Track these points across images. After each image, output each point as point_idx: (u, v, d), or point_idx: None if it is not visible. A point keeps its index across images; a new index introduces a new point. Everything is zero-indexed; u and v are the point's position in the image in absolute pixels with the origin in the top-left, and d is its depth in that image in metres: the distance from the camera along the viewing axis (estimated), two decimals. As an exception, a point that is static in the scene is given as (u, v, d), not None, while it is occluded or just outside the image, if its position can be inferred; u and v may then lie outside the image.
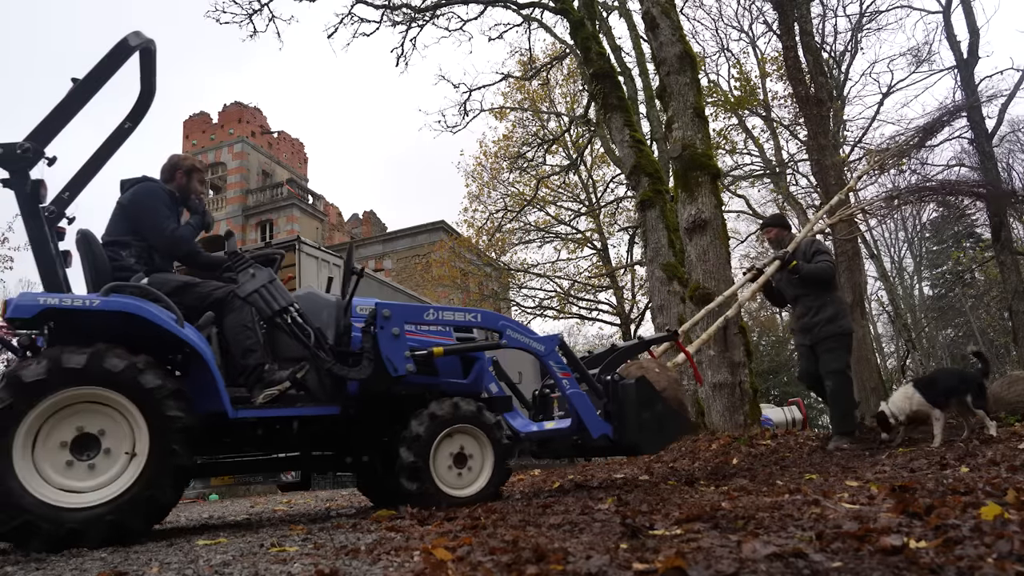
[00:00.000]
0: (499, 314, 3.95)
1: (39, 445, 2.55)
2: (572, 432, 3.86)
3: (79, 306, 2.71)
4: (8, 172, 2.88)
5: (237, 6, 11.99)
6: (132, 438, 2.68)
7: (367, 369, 3.28)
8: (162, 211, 3.38)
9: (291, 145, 35.72)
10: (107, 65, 3.05)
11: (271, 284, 3.28)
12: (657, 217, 9.61)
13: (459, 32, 13.50)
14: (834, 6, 15.02)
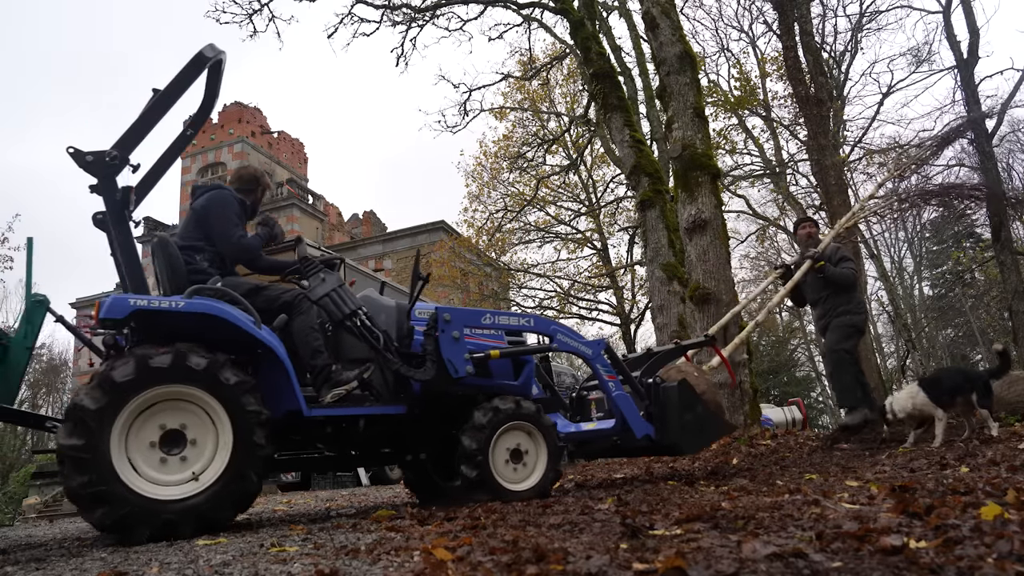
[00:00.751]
0: (550, 319, 4.14)
1: (131, 441, 2.67)
2: (615, 432, 3.98)
3: (165, 308, 2.84)
4: (97, 179, 3.04)
5: (237, 6, 12.01)
6: (215, 432, 2.81)
7: (431, 370, 3.42)
8: (232, 219, 3.49)
9: (291, 145, 35.74)
10: (185, 76, 3.20)
11: (340, 288, 3.40)
12: (657, 217, 9.61)
13: (459, 32, 13.51)
14: (834, 6, 15.02)
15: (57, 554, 2.53)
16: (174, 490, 2.68)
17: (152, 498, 2.61)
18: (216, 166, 32.61)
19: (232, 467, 2.76)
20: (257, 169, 3.91)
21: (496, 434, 3.44)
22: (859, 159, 15.13)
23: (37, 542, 3.53)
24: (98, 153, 3.03)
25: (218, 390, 2.78)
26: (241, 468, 2.77)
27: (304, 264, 3.45)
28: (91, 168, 3.02)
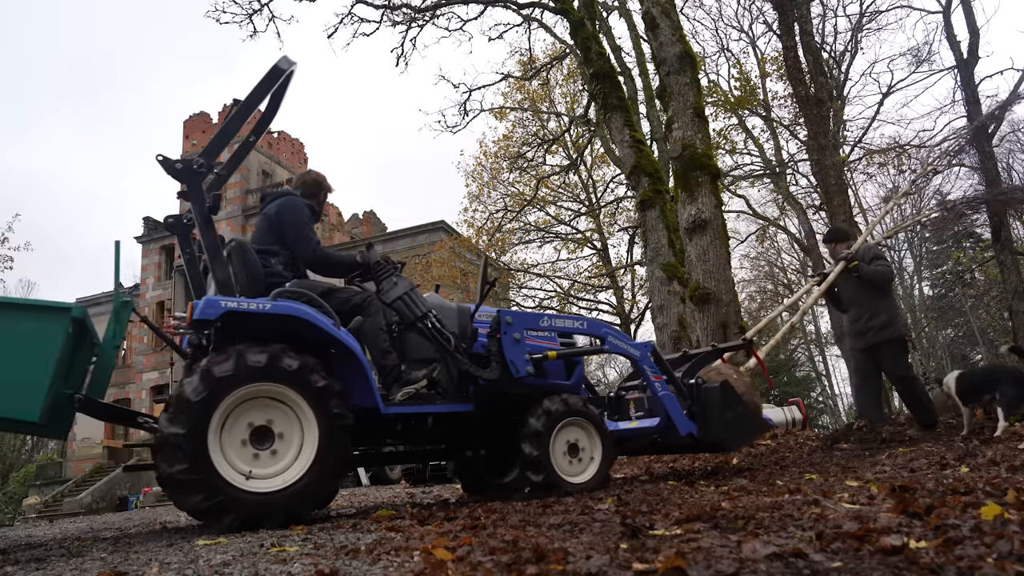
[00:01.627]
0: (602, 322, 4.38)
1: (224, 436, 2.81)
2: (658, 430, 4.18)
3: (253, 309, 2.98)
4: (186, 185, 3.19)
5: (237, 6, 12.00)
6: (300, 429, 2.95)
7: (496, 370, 3.60)
8: (306, 226, 3.63)
9: (291, 145, 35.70)
10: (263, 86, 3.35)
11: (412, 292, 3.55)
12: (657, 217, 9.61)
13: (459, 32, 13.51)
14: (834, 6, 15.01)
15: (57, 554, 2.53)
16: (263, 483, 2.81)
17: (243, 489, 2.74)
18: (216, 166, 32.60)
19: (317, 465, 2.89)
20: (319, 174, 4.06)
21: (553, 434, 3.61)
22: (859, 159, 15.12)
23: (37, 542, 3.53)
24: (186, 161, 3.18)
25: (307, 391, 2.92)
26: (325, 466, 2.91)
27: (377, 268, 3.59)
28: (180, 175, 3.17)
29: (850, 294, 5.76)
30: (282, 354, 2.90)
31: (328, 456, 2.92)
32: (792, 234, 22.62)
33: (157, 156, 3.26)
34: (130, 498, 20.73)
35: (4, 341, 2.76)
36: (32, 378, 2.79)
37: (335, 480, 3.02)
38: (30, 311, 2.90)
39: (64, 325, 2.90)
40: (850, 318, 5.77)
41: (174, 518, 4.94)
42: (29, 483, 29.78)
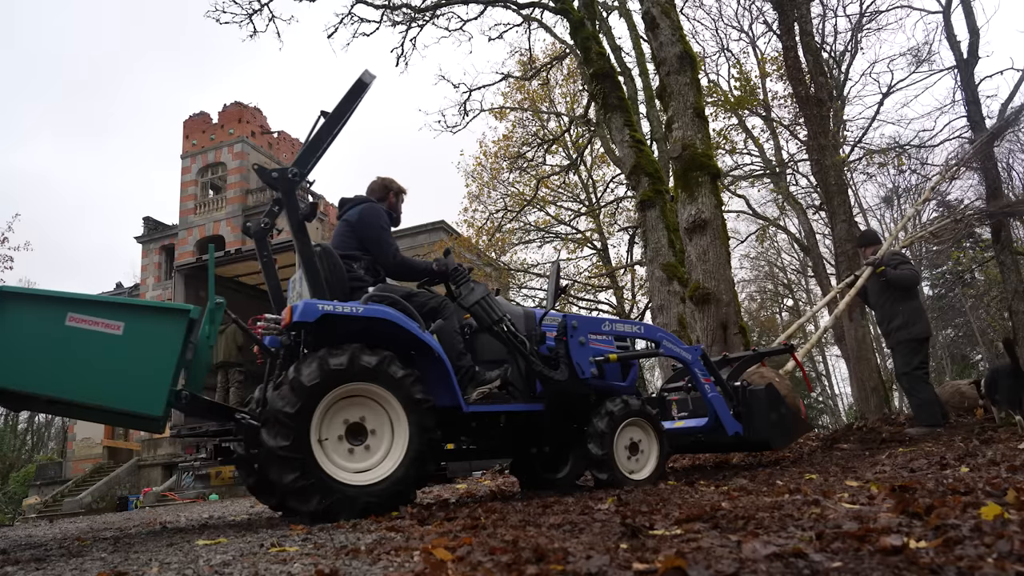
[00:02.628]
0: (657, 327, 4.65)
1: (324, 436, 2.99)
2: (705, 430, 4.41)
3: (347, 312, 3.15)
4: (281, 193, 3.35)
5: (237, 6, 11.99)
6: (390, 422, 3.14)
7: (565, 372, 3.79)
8: (386, 231, 3.80)
9: (291, 145, 35.68)
10: (350, 98, 3.51)
11: (488, 296, 3.69)
12: (657, 217, 9.61)
13: (459, 32, 13.49)
14: (834, 6, 14.97)
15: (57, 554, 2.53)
16: (365, 476, 3.01)
17: (352, 485, 2.93)
18: (216, 166, 32.53)
19: (411, 451, 3.08)
20: (386, 177, 4.18)
21: (616, 434, 3.80)
22: (859, 159, 15.11)
23: (37, 542, 3.53)
24: (281, 170, 3.34)
25: (390, 383, 3.09)
26: (418, 451, 3.09)
27: (455, 274, 3.76)
28: (276, 184, 3.33)
29: (875, 298, 6.14)
30: (360, 353, 3.05)
31: (419, 441, 3.10)
32: (792, 234, 22.62)
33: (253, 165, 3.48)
34: (130, 498, 20.71)
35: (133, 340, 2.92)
36: (157, 375, 2.95)
37: (431, 462, 3.19)
38: (155, 312, 3.08)
39: (184, 325, 3.05)
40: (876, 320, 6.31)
41: (174, 518, 4.94)
42: (29, 483, 29.76)
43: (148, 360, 2.95)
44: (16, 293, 2.89)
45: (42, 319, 2.84)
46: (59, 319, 2.84)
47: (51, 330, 2.83)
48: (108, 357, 2.88)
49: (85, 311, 2.88)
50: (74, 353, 2.86)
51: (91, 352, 2.87)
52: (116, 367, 2.89)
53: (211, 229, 31.27)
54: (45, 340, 2.83)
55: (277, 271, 3.69)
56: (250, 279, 11.67)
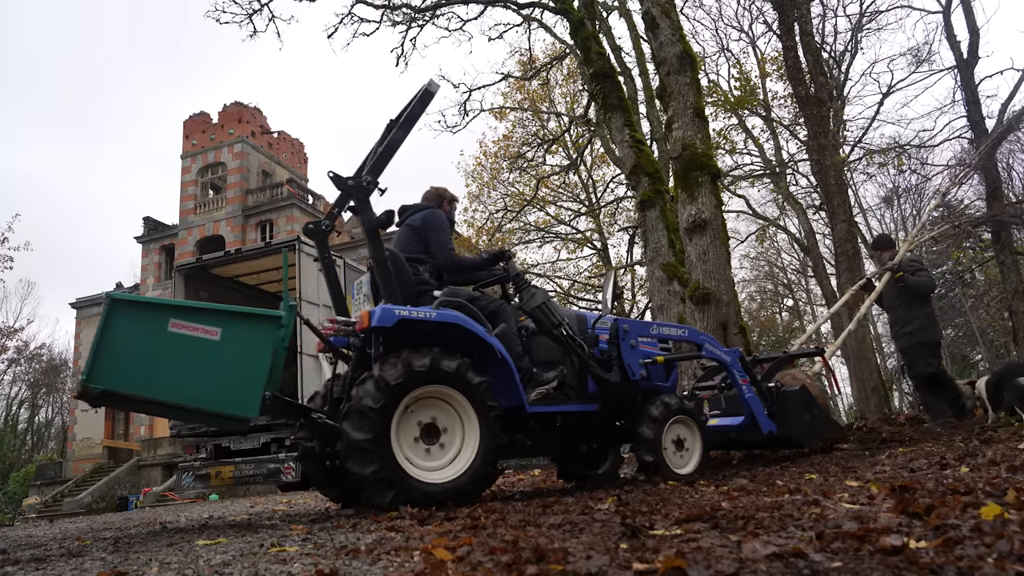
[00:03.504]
0: (700, 331, 4.91)
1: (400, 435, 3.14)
2: (741, 428, 4.59)
3: (421, 317, 3.30)
4: (355, 200, 3.48)
5: (237, 6, 11.99)
6: (461, 424, 3.29)
7: (618, 374, 3.97)
8: (447, 234, 3.94)
9: (291, 145, 35.67)
10: (418, 107, 3.68)
11: (549, 301, 3.82)
12: (657, 217, 9.60)
13: (459, 32, 13.48)
14: (834, 6, 14.96)
15: (57, 554, 2.53)
16: (437, 474, 3.17)
17: (424, 482, 3.09)
18: (216, 166, 32.50)
19: (480, 453, 3.24)
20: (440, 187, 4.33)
21: (667, 425, 3.98)
22: (859, 159, 15.11)
23: (37, 542, 3.53)
24: (356, 178, 3.49)
25: (466, 388, 3.25)
26: (486, 454, 3.25)
27: (517, 280, 3.92)
28: (351, 191, 3.47)
29: (890, 301, 6.35)
30: (441, 357, 3.20)
31: (487, 444, 3.26)
32: (792, 234, 22.63)
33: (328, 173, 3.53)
34: (130, 498, 20.72)
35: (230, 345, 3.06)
36: (252, 378, 3.07)
37: (495, 463, 3.36)
38: (250, 318, 3.20)
39: (276, 330, 3.18)
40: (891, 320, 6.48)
41: (174, 518, 4.94)
42: (29, 483, 29.77)
43: (244, 364, 3.08)
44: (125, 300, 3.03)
45: (147, 325, 2.98)
46: (162, 325, 2.97)
47: (155, 335, 2.96)
48: (207, 361, 3.02)
49: (186, 317, 3.03)
50: (176, 357, 2.98)
51: (191, 356, 3.00)
52: (214, 371, 3.02)
53: (211, 229, 31.27)
54: (150, 345, 2.96)
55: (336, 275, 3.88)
56: (250, 279, 11.64)
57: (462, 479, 3.19)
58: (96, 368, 2.83)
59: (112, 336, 2.88)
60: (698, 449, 4.14)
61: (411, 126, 3.71)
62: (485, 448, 3.25)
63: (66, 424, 38.38)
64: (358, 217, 3.52)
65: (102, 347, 2.86)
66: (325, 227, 3.68)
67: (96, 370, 2.83)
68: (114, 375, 2.87)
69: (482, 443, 3.25)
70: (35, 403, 44.59)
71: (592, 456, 4.74)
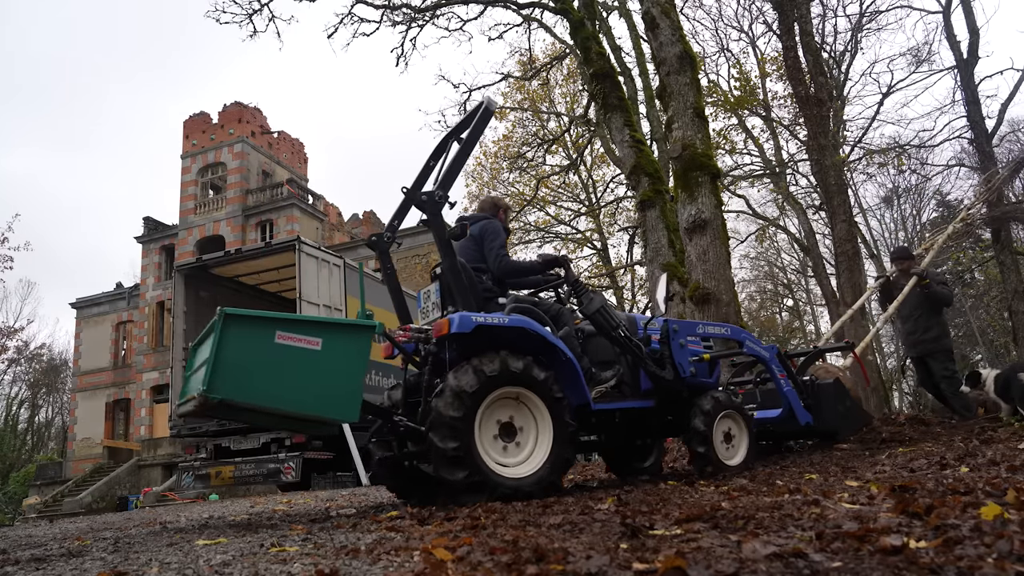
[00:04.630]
0: (741, 329, 5.12)
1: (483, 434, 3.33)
2: (779, 420, 4.84)
3: (496, 323, 3.48)
4: (427, 214, 3.66)
5: (237, 6, 11.99)
6: (534, 420, 3.48)
7: (672, 371, 4.17)
8: (501, 241, 4.12)
9: (291, 145, 35.67)
10: (480, 124, 3.92)
11: (606, 305, 4.00)
12: (657, 217, 9.60)
13: (459, 32, 13.49)
14: (834, 6, 14.96)
15: (57, 554, 2.53)
16: (518, 470, 3.36)
17: (509, 478, 3.28)
18: (216, 166, 32.49)
19: (556, 444, 3.43)
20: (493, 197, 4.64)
21: (717, 419, 4.17)
22: (859, 159, 15.10)
23: (37, 542, 3.53)
24: (429, 193, 3.68)
25: (534, 384, 3.42)
26: (561, 444, 3.44)
27: (575, 285, 4.10)
28: (423, 206, 3.66)
29: (909, 310, 6.60)
30: (508, 359, 3.37)
31: (561, 435, 3.45)
32: (792, 234, 22.61)
33: (401, 188, 3.78)
34: (130, 498, 20.72)
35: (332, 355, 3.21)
36: (352, 384, 3.25)
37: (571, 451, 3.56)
38: (347, 329, 3.40)
39: (370, 339, 3.36)
40: (907, 330, 6.71)
41: (174, 518, 4.94)
42: (29, 483, 29.78)
43: (343, 371, 3.24)
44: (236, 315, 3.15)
45: (256, 337, 3.12)
46: (270, 337, 3.11)
47: (264, 347, 3.11)
48: (310, 370, 3.17)
49: (290, 329, 3.18)
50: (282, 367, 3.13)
51: (296, 366, 3.15)
52: (317, 379, 3.18)
53: (211, 229, 31.28)
54: (259, 356, 3.10)
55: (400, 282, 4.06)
56: (250, 279, 11.64)
57: (543, 469, 3.38)
58: (215, 379, 2.95)
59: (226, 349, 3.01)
60: (745, 441, 4.35)
61: (474, 143, 3.97)
62: (560, 437, 3.44)
63: (66, 424, 38.39)
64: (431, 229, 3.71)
65: (218, 359, 2.98)
66: (387, 239, 3.89)
67: (215, 381, 2.95)
68: (229, 386, 2.99)
69: (556, 433, 3.44)
70: (35, 403, 44.60)
71: (640, 450, 5.00)
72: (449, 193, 3.75)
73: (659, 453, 5.09)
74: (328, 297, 10.28)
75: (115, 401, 33.11)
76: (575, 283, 4.10)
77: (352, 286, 10.95)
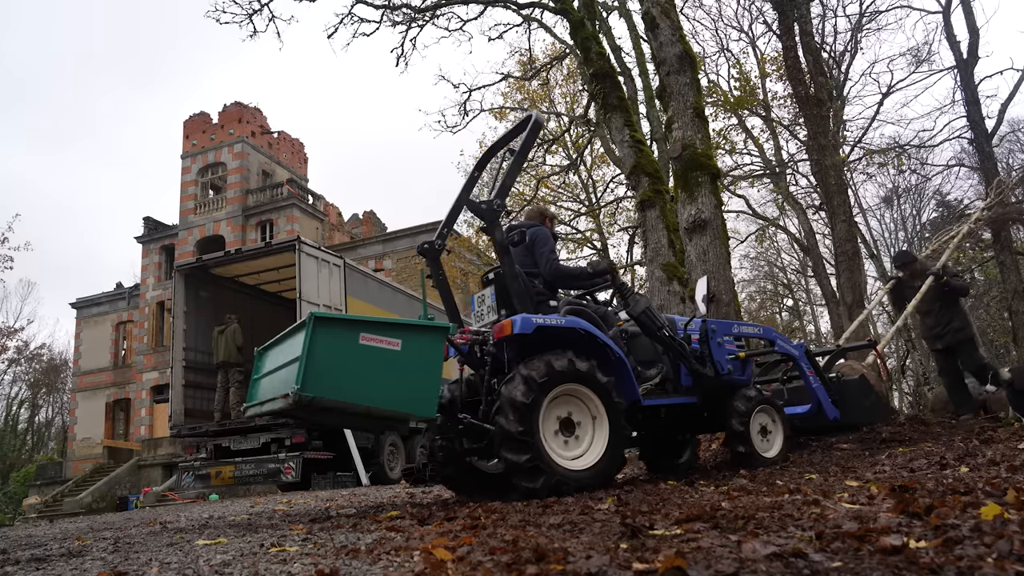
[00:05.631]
0: (772, 329, 5.39)
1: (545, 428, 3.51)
2: (809, 414, 5.06)
3: (552, 324, 3.70)
4: (486, 222, 3.88)
5: (237, 6, 11.98)
6: (591, 418, 3.69)
7: (712, 369, 4.38)
8: (552, 250, 4.30)
9: (291, 145, 35.65)
10: (530, 137, 4.16)
11: (652, 307, 4.22)
12: (657, 217, 9.60)
13: (459, 32, 13.49)
14: (834, 6, 14.96)
15: (57, 554, 2.53)
16: (576, 462, 3.57)
17: (569, 469, 3.48)
18: (216, 166, 32.46)
19: (611, 444, 3.64)
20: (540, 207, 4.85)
21: (752, 415, 4.39)
22: (859, 159, 15.10)
23: (37, 542, 3.53)
24: (488, 202, 3.91)
25: (596, 386, 3.65)
26: (615, 444, 3.66)
27: (623, 289, 4.32)
28: (484, 215, 3.87)
29: (926, 305, 6.80)
30: (576, 359, 3.60)
31: (616, 436, 3.66)
32: (792, 234, 22.61)
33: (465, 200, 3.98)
34: (130, 498, 20.72)
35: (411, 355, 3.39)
36: (429, 382, 3.42)
37: (622, 453, 3.79)
38: (424, 330, 3.54)
39: (444, 339, 3.58)
40: (927, 324, 6.88)
41: (174, 518, 4.94)
42: (29, 483, 29.77)
43: (422, 370, 3.41)
44: (326, 318, 3.36)
45: (343, 339, 3.30)
46: (354, 338, 3.29)
47: (350, 348, 3.28)
48: (392, 369, 3.35)
49: (373, 331, 3.35)
50: (367, 367, 3.30)
51: (379, 366, 3.32)
52: (398, 377, 3.36)
53: (211, 229, 31.26)
54: (345, 357, 3.28)
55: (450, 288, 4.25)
56: (250, 279, 11.64)
57: (601, 463, 3.60)
58: (307, 378, 3.12)
59: (316, 349, 3.18)
60: (781, 434, 4.57)
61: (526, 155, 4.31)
62: (616, 437, 3.67)
63: (66, 424, 38.38)
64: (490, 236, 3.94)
65: (310, 360, 3.15)
66: (438, 247, 4.09)
67: (307, 380, 3.12)
68: (320, 384, 3.15)
69: (612, 433, 3.66)
70: (35, 403, 44.60)
71: (677, 447, 5.18)
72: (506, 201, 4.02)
73: (693, 449, 5.25)
74: (328, 297, 10.28)
75: (115, 401, 33.11)
76: (621, 286, 4.32)
77: (352, 286, 10.96)
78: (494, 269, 4.17)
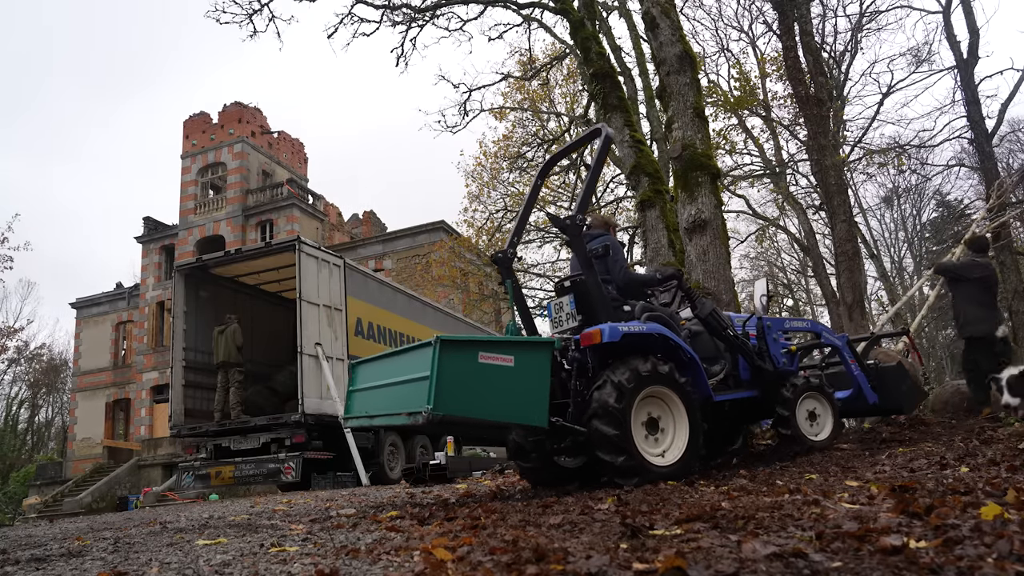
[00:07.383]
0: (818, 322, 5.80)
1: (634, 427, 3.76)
2: (850, 399, 5.38)
3: (635, 331, 3.94)
4: (569, 236, 4.10)
5: (237, 6, 11.97)
6: (672, 417, 3.97)
7: (770, 363, 4.72)
8: (623, 258, 4.57)
9: (291, 145, 35.65)
10: (602, 152, 4.46)
11: (717, 309, 4.53)
12: (657, 217, 9.59)
13: (459, 32, 13.48)
14: (834, 6, 14.96)
15: (57, 554, 2.53)
16: (662, 459, 3.85)
17: (657, 465, 3.76)
18: (216, 166, 32.46)
19: (691, 438, 3.92)
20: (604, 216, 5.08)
21: (798, 402, 4.71)
22: (859, 159, 15.10)
23: (37, 542, 3.53)
24: (571, 216, 4.16)
25: (676, 387, 3.93)
26: (695, 438, 3.94)
27: (689, 293, 4.61)
28: (567, 229, 4.09)
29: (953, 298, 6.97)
30: (657, 363, 3.87)
31: (695, 433, 3.93)
32: (792, 234, 22.61)
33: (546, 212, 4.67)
34: (130, 498, 20.72)
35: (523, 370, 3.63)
36: (540, 394, 3.67)
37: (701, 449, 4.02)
38: (533, 346, 3.83)
39: (551, 353, 3.80)
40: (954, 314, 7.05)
41: (174, 518, 4.94)
42: (29, 483, 29.76)
43: (532, 383, 3.66)
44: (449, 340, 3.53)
45: (465, 359, 3.52)
46: (474, 357, 3.53)
47: (471, 366, 3.52)
48: (507, 383, 3.59)
49: (490, 350, 3.60)
50: (486, 382, 3.54)
51: (497, 381, 3.57)
52: (513, 390, 3.61)
53: (211, 229, 31.26)
54: (468, 375, 3.50)
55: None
56: (250, 279, 11.62)
57: (684, 458, 3.87)
58: (439, 398, 3.33)
59: (443, 370, 3.39)
60: (830, 420, 4.84)
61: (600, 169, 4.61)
62: (695, 433, 3.94)
63: (66, 424, 38.38)
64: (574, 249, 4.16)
65: (440, 380, 3.36)
66: (510, 255, 4.36)
67: (439, 399, 3.33)
68: (448, 402, 3.37)
69: (692, 430, 3.93)
70: (35, 403, 44.59)
71: (729, 434, 5.46)
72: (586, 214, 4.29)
73: (745, 436, 5.56)
74: (328, 297, 10.28)
75: (115, 401, 33.10)
76: (688, 291, 4.62)
77: (352, 286, 10.95)
78: (570, 277, 4.45)
